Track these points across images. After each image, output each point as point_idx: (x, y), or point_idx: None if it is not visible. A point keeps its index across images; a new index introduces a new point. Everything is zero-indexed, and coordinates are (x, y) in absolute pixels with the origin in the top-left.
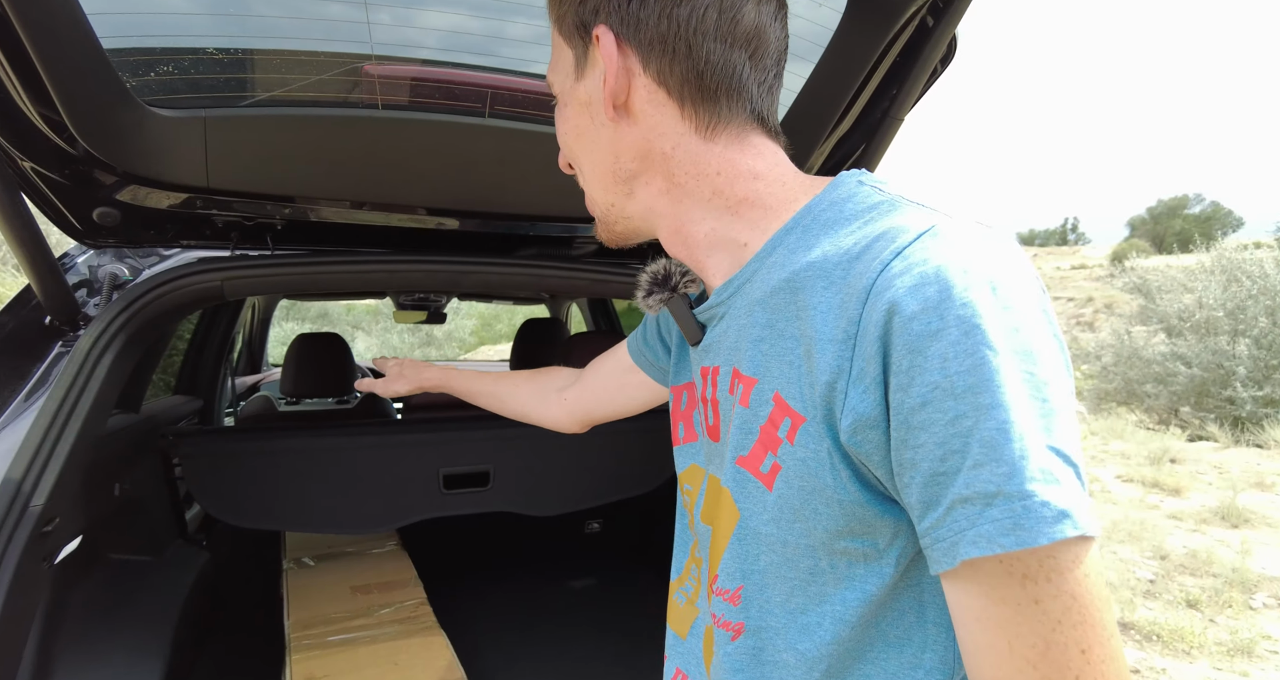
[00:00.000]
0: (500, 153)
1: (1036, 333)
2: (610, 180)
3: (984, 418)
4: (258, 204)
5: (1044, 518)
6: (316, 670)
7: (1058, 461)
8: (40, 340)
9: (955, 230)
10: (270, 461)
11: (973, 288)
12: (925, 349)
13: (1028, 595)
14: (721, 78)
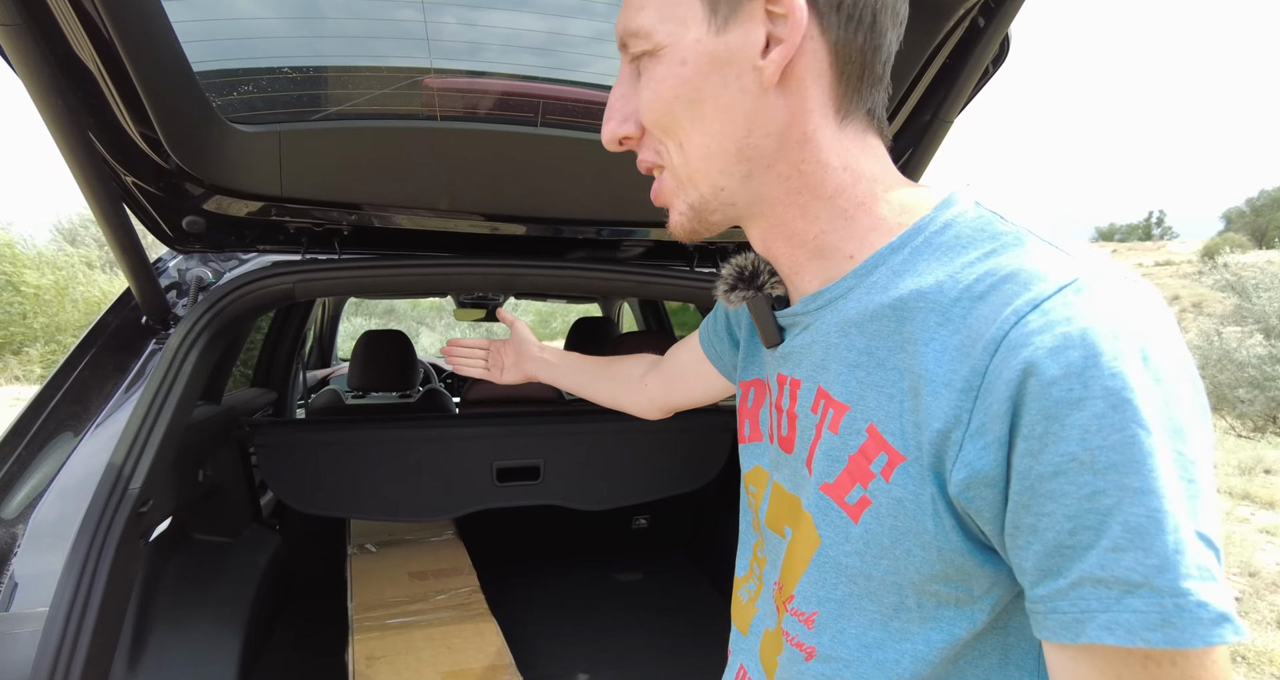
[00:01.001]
0: (551, 160)
1: (1188, 407)
2: (732, 158)
3: (1130, 501)
4: (326, 211)
5: (1200, 619)
6: (376, 650)
7: (1210, 555)
8: (137, 338)
9: (1101, 285)
10: (336, 452)
11: (1123, 356)
12: (1064, 417)
13: (1148, 676)
14: (884, 61)
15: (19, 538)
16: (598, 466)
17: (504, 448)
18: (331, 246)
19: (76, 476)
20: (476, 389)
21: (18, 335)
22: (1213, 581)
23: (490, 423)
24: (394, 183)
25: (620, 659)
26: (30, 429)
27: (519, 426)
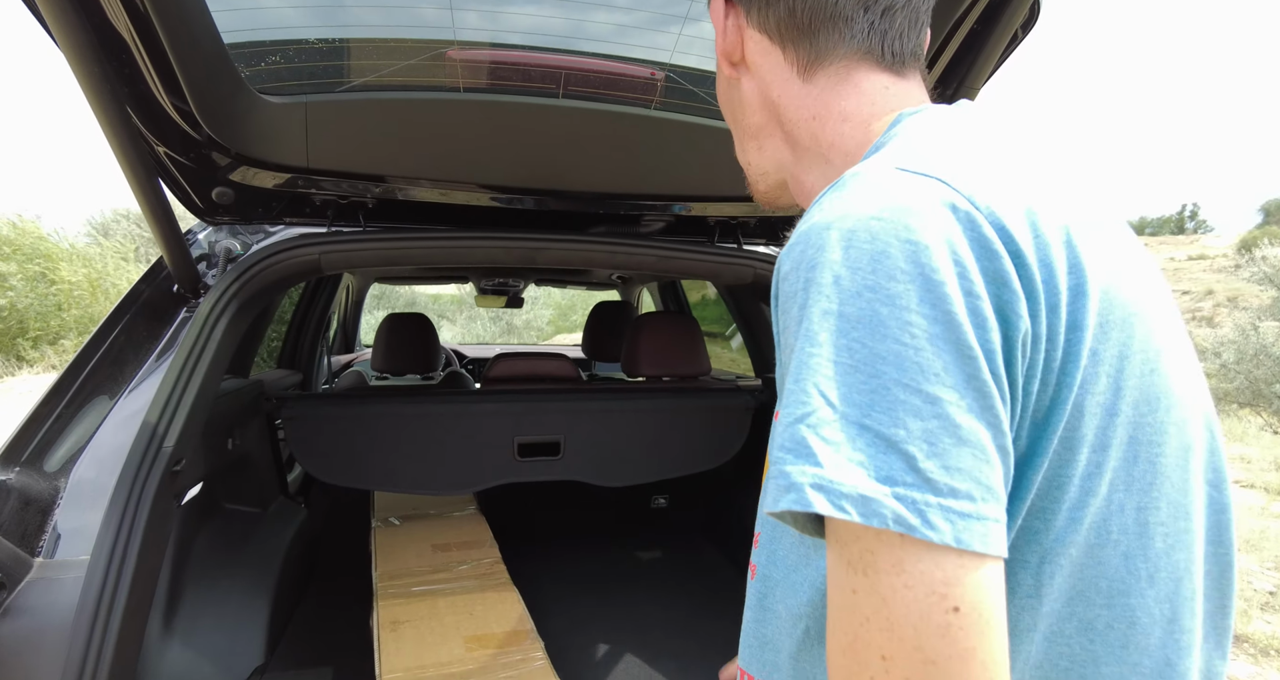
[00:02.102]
0: (573, 132)
1: (875, 292)
2: (745, 137)
3: (791, 371)
4: (351, 183)
5: (789, 485)
6: (400, 615)
7: (849, 436)
8: (169, 306)
9: (861, 180)
10: (362, 425)
11: (814, 242)
12: (779, 308)
13: (849, 583)
14: (814, 12)
15: (60, 491)
16: (617, 443)
17: (525, 424)
18: (356, 219)
19: (113, 435)
20: (499, 366)
21: (54, 327)
22: (814, 464)
23: (512, 399)
24: (417, 154)
25: (639, 632)
26: (69, 390)
27: (540, 403)
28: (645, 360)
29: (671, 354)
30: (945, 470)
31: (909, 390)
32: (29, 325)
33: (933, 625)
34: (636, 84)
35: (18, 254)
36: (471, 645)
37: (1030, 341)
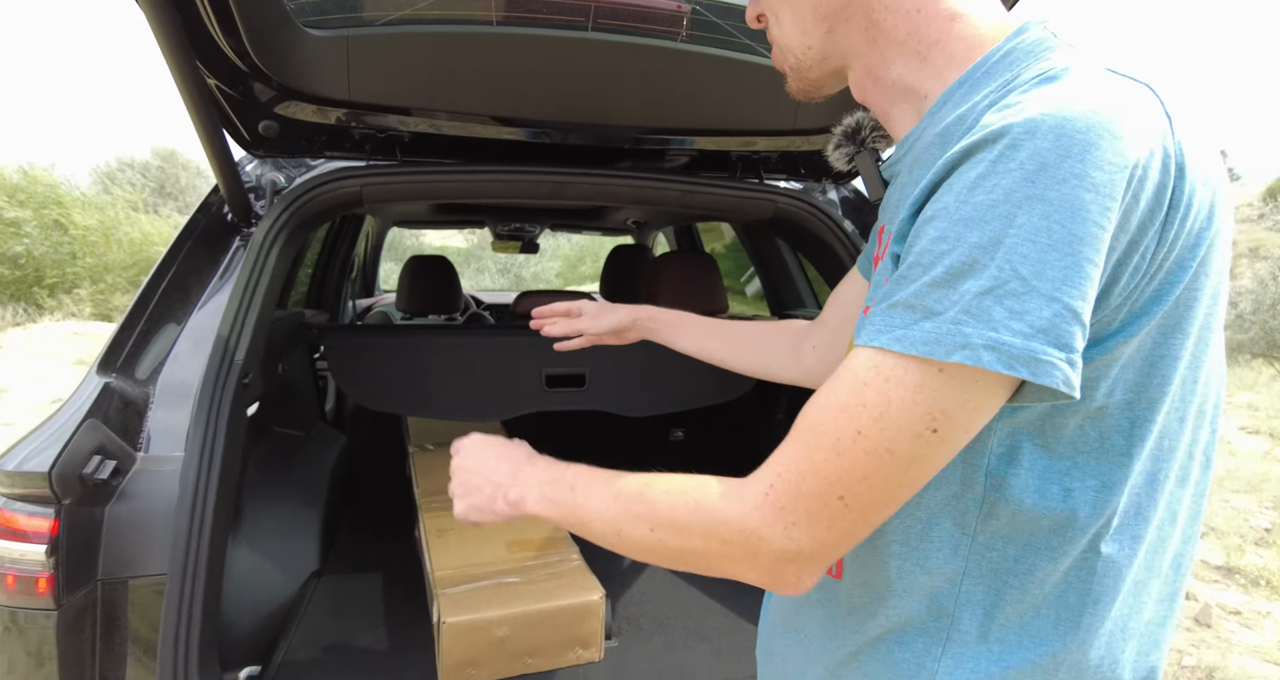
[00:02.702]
0: (600, 65)
1: (1067, 191)
2: (811, 18)
3: (961, 250)
4: (389, 116)
5: (957, 344)
6: (444, 525)
7: (1038, 299)
8: (224, 234)
9: (1075, 76)
10: (402, 355)
11: (1041, 131)
12: (956, 178)
13: (859, 379)
14: None
15: (150, 396)
16: (639, 376)
17: (551, 357)
18: (393, 154)
19: (189, 348)
20: (524, 302)
21: (70, 274)
22: (986, 325)
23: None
24: (452, 86)
25: None
26: (146, 308)
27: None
28: (665, 296)
29: (690, 291)
30: (1075, 340)
31: (1098, 267)
32: (45, 273)
33: (907, 430)
34: (664, 17)
35: (31, 201)
36: (513, 548)
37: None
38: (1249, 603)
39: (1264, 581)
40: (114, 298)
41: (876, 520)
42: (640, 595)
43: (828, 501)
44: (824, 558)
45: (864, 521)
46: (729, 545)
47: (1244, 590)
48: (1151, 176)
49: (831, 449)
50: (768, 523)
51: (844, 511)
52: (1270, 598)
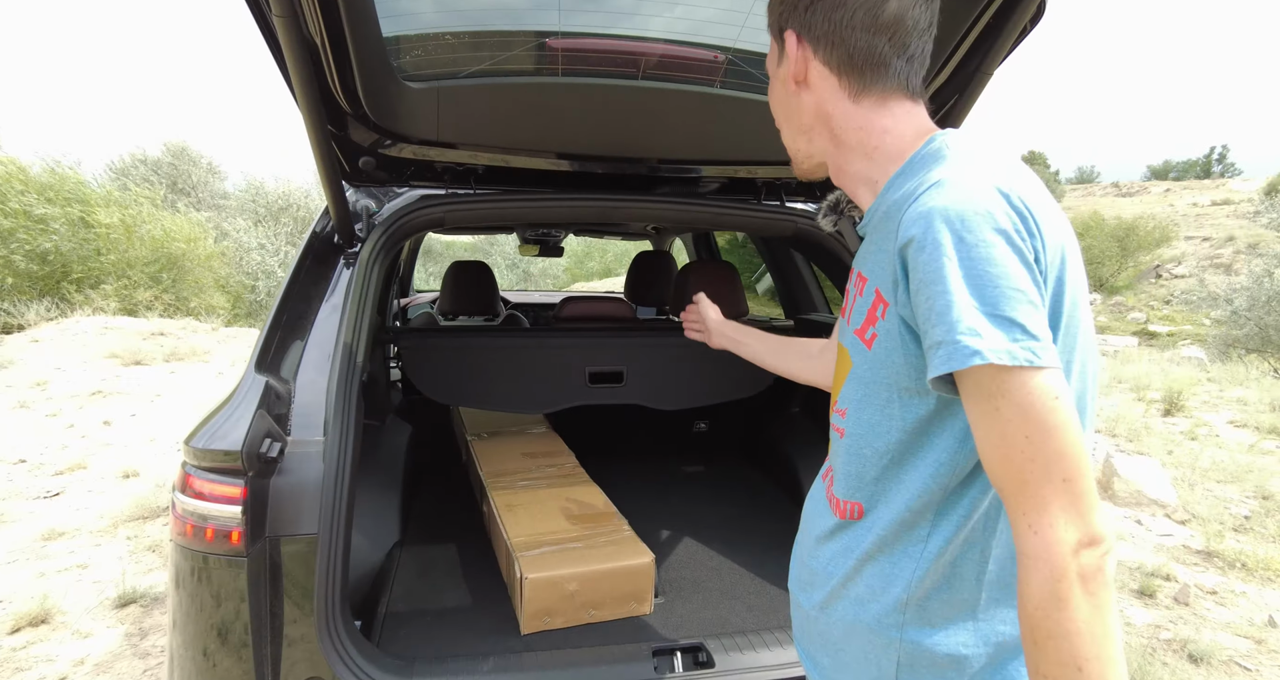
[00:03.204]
0: (649, 108)
1: (983, 244)
2: (797, 131)
3: (935, 299)
4: (469, 152)
5: (964, 352)
6: (512, 501)
7: (985, 321)
8: (331, 253)
9: (946, 184)
10: (466, 354)
11: (939, 220)
12: (916, 258)
13: (991, 405)
14: (865, 58)
15: (293, 391)
16: (670, 373)
17: (594, 356)
18: (468, 183)
19: (315, 351)
20: (569, 308)
21: (95, 270)
22: (977, 336)
23: (583, 335)
24: (523, 127)
25: (694, 523)
26: (282, 318)
27: (605, 339)
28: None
29: (715, 297)
30: (1037, 329)
31: (1013, 291)
32: (72, 268)
33: (1049, 406)
34: (703, 66)
35: (58, 199)
36: (573, 521)
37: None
38: (1225, 584)
39: (1240, 564)
40: (137, 293)
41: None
42: (680, 562)
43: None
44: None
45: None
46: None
47: (1221, 572)
48: (1021, 230)
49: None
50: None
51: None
52: (1245, 579)
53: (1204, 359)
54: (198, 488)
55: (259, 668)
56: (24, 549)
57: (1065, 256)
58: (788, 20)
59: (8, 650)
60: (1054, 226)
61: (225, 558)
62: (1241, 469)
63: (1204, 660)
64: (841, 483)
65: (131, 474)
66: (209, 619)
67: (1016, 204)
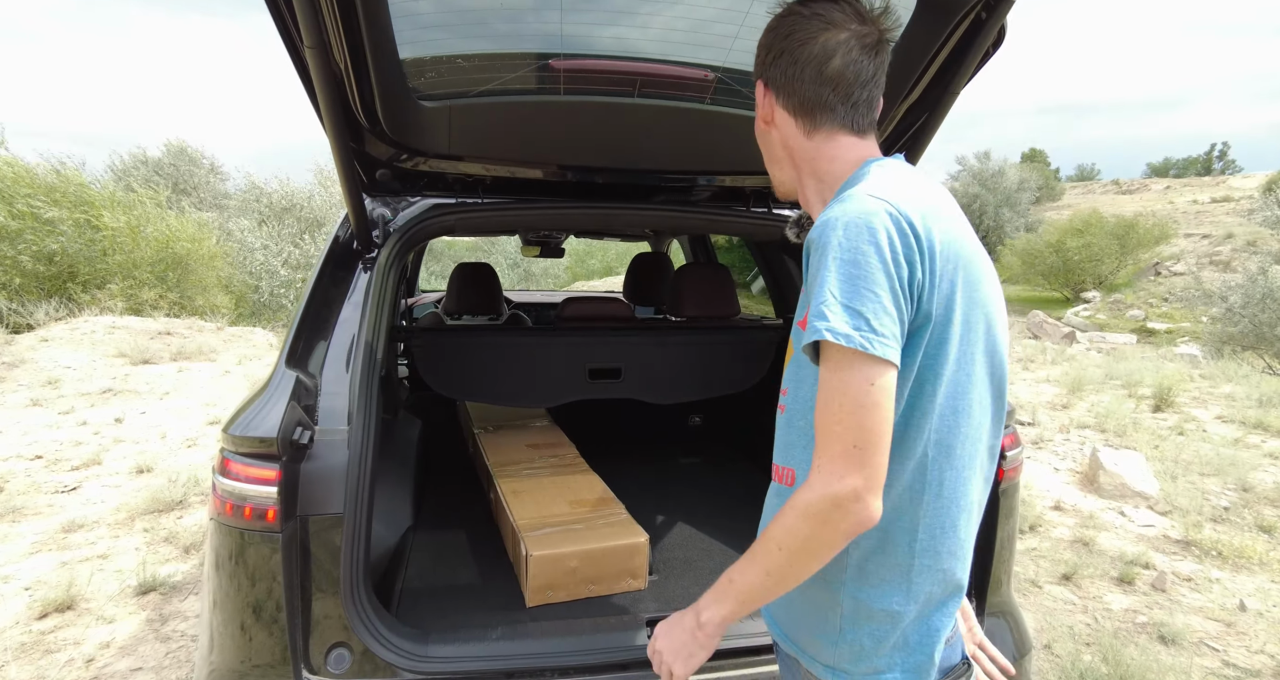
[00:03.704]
0: (644, 123)
1: (856, 248)
2: (772, 161)
3: (816, 287)
4: (479, 165)
5: (818, 329)
6: (517, 488)
7: (839, 309)
8: (350, 258)
9: (846, 199)
10: (474, 352)
11: (831, 227)
12: (813, 255)
13: (827, 372)
14: (814, 104)
15: (320, 385)
16: (665, 369)
17: (593, 353)
18: (477, 193)
19: (337, 349)
20: (570, 308)
21: (101, 271)
22: (825, 320)
23: (583, 334)
24: (528, 141)
25: (688, 508)
26: (310, 319)
27: (604, 337)
28: (687, 303)
29: (709, 298)
30: (879, 325)
31: (868, 291)
32: (79, 270)
33: (864, 388)
34: (694, 84)
35: (64, 200)
36: (574, 505)
37: (919, 277)
38: (1201, 571)
39: (1216, 553)
40: (142, 292)
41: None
42: (674, 544)
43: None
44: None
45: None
46: (819, 513)
47: (1198, 560)
48: (896, 241)
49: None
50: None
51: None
52: (1220, 566)
53: (1198, 356)
54: (236, 471)
55: (291, 633)
56: (47, 540)
57: (959, 277)
58: (760, 72)
59: (37, 633)
60: (947, 249)
61: (261, 534)
62: (1225, 462)
63: (1175, 641)
64: (780, 452)
65: (145, 469)
66: (246, 588)
67: (900, 223)
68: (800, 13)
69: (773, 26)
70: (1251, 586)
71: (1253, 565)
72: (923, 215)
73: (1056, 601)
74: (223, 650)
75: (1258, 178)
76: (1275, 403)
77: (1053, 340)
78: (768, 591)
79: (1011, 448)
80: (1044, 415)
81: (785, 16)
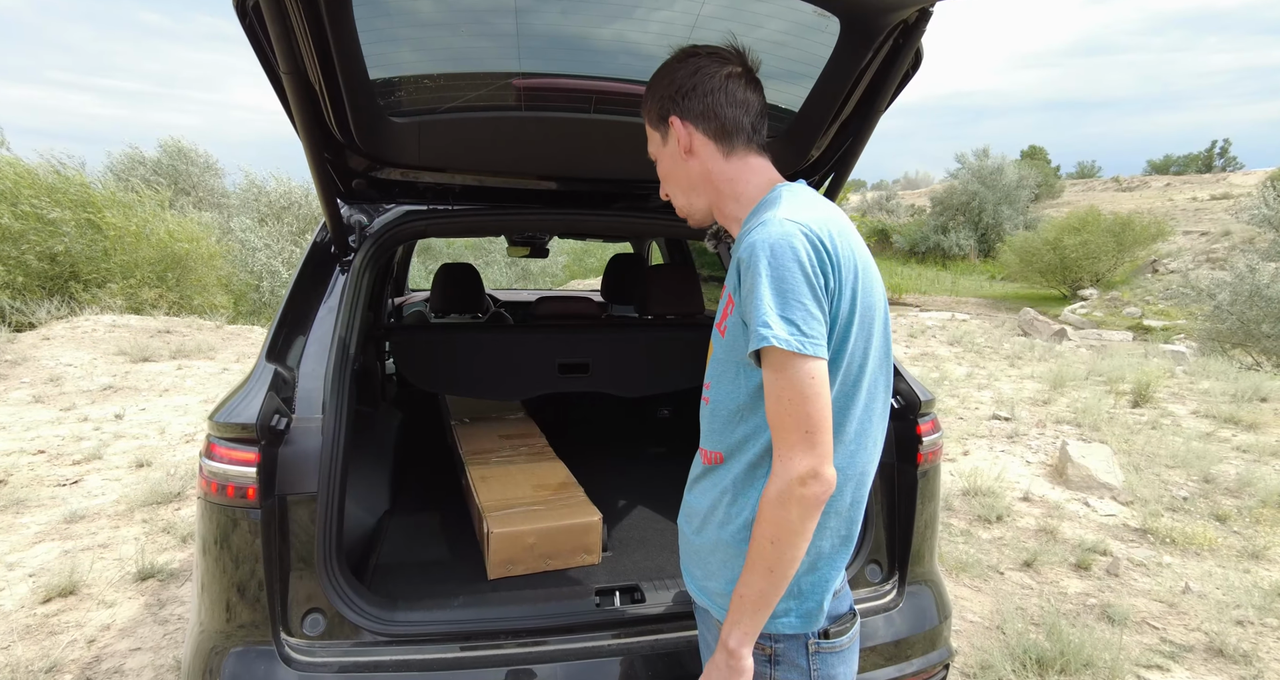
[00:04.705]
0: (600, 137)
1: (783, 267)
2: (686, 191)
3: (754, 302)
4: (447, 175)
5: (761, 337)
6: (486, 474)
7: (777, 319)
8: (328, 261)
9: (767, 223)
10: (451, 348)
11: (759, 249)
12: (745, 274)
13: (772, 374)
14: (734, 126)
15: (297, 377)
16: (632, 363)
17: (564, 349)
18: (447, 199)
19: (315, 345)
20: (543, 306)
21: (103, 270)
22: (770, 328)
23: (554, 331)
24: (493, 154)
25: (648, 493)
26: (290, 316)
27: (574, 334)
28: (655, 302)
29: (675, 297)
30: (809, 329)
31: (798, 302)
32: (80, 270)
33: (805, 383)
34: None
35: (66, 200)
36: (537, 489)
37: (831, 285)
38: (1154, 557)
39: (1170, 540)
40: (143, 292)
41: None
42: (630, 524)
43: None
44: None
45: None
46: (791, 495)
47: (1152, 547)
48: (813, 258)
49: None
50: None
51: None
52: (1172, 552)
53: (1185, 353)
54: (220, 453)
55: (270, 599)
56: (50, 530)
57: (859, 281)
58: (669, 111)
59: (41, 617)
60: (849, 259)
61: (243, 510)
62: (1192, 455)
63: (1119, 621)
64: (707, 438)
65: (145, 463)
66: (230, 561)
67: (814, 241)
68: (698, 54)
69: (673, 70)
70: (1199, 571)
71: (1202, 551)
72: (830, 234)
73: (1015, 586)
74: (210, 614)
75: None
76: (1249, 398)
77: (1043, 337)
78: (774, 589)
79: (929, 433)
80: (1024, 411)
81: (684, 60)
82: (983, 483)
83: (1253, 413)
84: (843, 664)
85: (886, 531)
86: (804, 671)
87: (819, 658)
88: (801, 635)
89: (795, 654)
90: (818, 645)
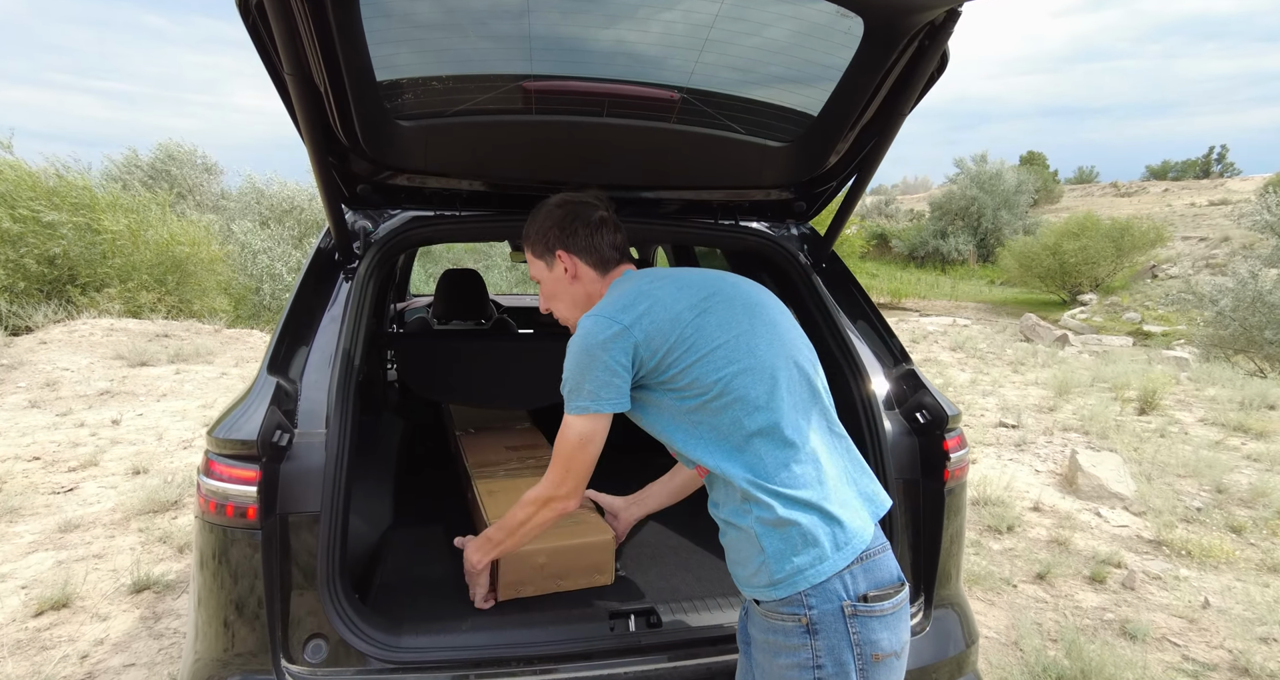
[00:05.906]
0: (612, 142)
1: (589, 350)
2: (571, 306)
3: (568, 380)
4: (454, 179)
5: (565, 402)
6: (493, 488)
7: (570, 392)
8: (332, 268)
9: (586, 317)
10: (456, 357)
11: (573, 339)
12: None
13: (564, 425)
14: (608, 255)
15: (299, 390)
16: None
17: None
18: (454, 206)
19: (318, 356)
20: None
21: (101, 274)
22: (566, 398)
23: (560, 337)
24: (500, 159)
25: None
26: (293, 326)
27: None
28: None
29: None
30: (601, 396)
31: (594, 377)
32: (78, 273)
33: (575, 440)
34: (660, 104)
35: (65, 203)
36: None
37: (645, 354)
38: (1170, 570)
39: (1186, 552)
40: (140, 295)
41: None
42: (642, 540)
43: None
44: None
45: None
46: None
47: (1168, 560)
48: (614, 345)
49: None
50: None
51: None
52: (1189, 566)
53: (1188, 359)
54: (219, 471)
55: (270, 624)
56: (44, 539)
57: (680, 329)
58: (555, 246)
59: (33, 631)
60: (656, 319)
61: (243, 531)
62: (1202, 464)
63: (1139, 638)
64: (680, 458)
65: (141, 470)
66: (229, 583)
67: (613, 325)
68: (574, 201)
69: (555, 212)
70: (1217, 585)
71: (1220, 564)
72: (632, 313)
73: (1029, 600)
74: (207, 641)
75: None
76: (1257, 405)
77: (1045, 343)
78: (502, 544)
79: (956, 449)
80: (1030, 418)
81: (563, 205)
82: (992, 492)
83: (1261, 420)
84: (886, 629)
85: (911, 551)
86: (844, 635)
87: (858, 621)
88: (836, 599)
89: (833, 619)
90: (854, 608)
